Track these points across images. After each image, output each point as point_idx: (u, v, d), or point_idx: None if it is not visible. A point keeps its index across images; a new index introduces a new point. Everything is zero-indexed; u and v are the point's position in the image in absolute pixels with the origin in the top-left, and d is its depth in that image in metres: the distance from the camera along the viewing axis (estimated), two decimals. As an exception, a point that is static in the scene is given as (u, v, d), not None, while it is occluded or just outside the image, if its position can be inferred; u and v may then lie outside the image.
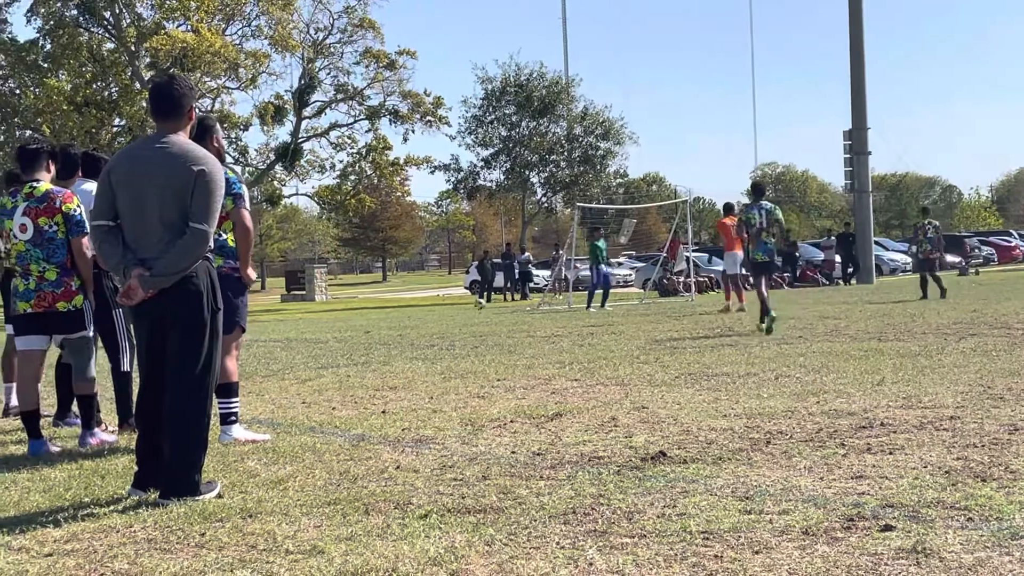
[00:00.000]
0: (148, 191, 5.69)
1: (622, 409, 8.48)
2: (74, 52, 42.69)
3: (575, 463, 6.28)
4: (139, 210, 5.71)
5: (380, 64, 48.34)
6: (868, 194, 43.88)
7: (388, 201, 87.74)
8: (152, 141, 5.85)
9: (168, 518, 5.23)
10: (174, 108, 5.88)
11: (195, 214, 5.68)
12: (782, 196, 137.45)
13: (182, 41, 40.34)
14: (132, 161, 5.80)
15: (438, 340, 17.76)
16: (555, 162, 53.67)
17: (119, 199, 5.76)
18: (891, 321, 17.05)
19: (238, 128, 46.52)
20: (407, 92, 49.05)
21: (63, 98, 40.25)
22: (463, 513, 5.10)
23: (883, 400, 8.26)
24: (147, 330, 5.86)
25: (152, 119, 6.13)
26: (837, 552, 4.19)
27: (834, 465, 5.86)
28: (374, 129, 49.41)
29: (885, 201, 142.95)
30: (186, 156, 5.74)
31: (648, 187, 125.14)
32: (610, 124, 53.17)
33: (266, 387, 11.32)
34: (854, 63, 43.60)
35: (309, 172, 49.85)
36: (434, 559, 4.31)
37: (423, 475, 6.11)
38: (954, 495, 5.00)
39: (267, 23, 45.65)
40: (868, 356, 11.55)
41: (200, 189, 5.69)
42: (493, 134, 53.35)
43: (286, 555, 4.49)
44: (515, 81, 52.69)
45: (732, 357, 12.22)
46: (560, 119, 53.47)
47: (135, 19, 43.36)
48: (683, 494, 5.29)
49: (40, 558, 4.63)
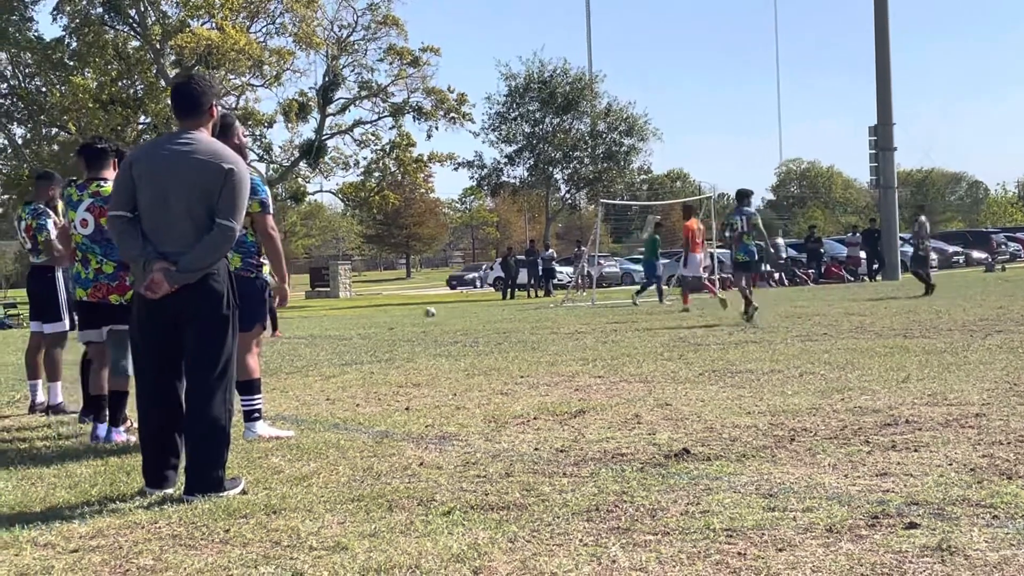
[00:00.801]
0: (174, 186, 5.72)
1: (645, 406, 8.47)
2: (99, 50, 42.91)
3: (598, 460, 6.28)
4: (163, 205, 5.74)
5: (404, 61, 48.42)
6: (893, 190, 43.63)
7: (412, 198, 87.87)
8: (177, 137, 5.87)
9: (193, 514, 5.25)
10: (195, 106, 5.93)
11: (223, 211, 5.73)
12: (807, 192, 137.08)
13: (207, 39, 40.51)
14: (157, 157, 5.82)
15: (462, 337, 17.77)
16: (579, 158, 53.65)
17: (141, 192, 5.78)
18: (916, 318, 16.97)
19: (262, 125, 46.69)
20: (431, 89, 49.15)
21: (88, 96, 40.45)
22: (486, 510, 5.10)
23: (908, 397, 8.22)
24: (161, 327, 5.84)
25: (175, 118, 6.14)
26: (861, 550, 4.17)
27: (859, 463, 5.84)
28: (398, 126, 49.53)
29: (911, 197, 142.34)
30: (216, 154, 5.80)
31: (672, 183, 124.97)
32: (634, 120, 53.14)
33: (290, 384, 11.36)
34: (879, 58, 43.36)
35: (333, 169, 50.00)
36: (457, 556, 4.32)
37: (446, 472, 6.12)
38: (979, 493, 4.98)
39: (291, 20, 45.82)
40: (893, 353, 11.49)
41: (229, 187, 5.74)
42: (517, 131, 53.41)
43: (310, 551, 4.50)
44: (538, 78, 52.71)
45: (756, 354, 12.18)
46: (584, 115, 53.43)
47: (160, 17, 43.55)
48: (707, 491, 5.28)
49: (66, 554, 4.66)
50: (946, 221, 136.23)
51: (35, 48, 43.17)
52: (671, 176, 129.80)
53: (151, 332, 5.88)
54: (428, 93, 49.17)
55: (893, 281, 38.30)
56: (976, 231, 72.86)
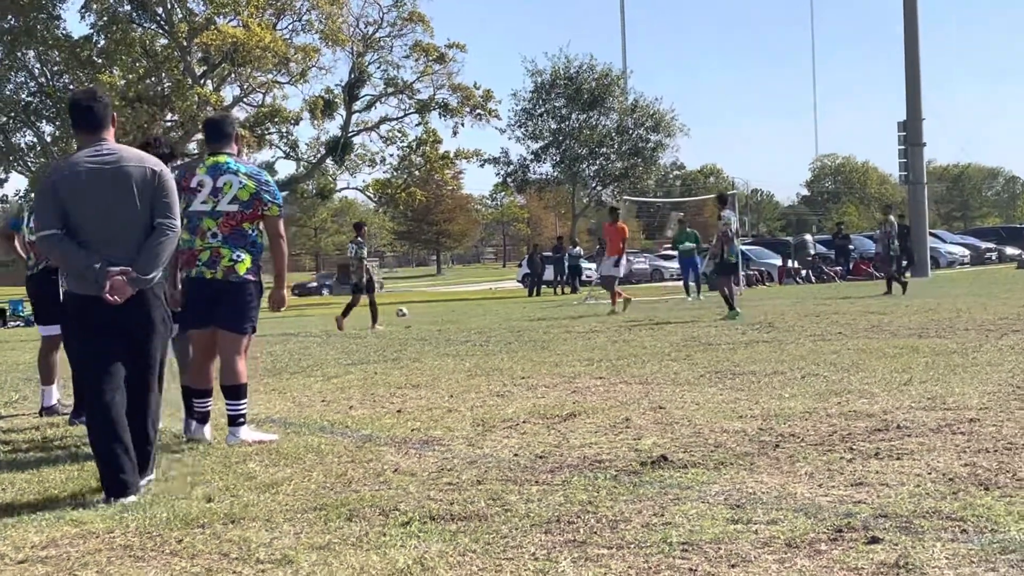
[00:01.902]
0: (117, 196, 5.90)
1: (638, 409, 8.33)
2: (127, 48, 43.09)
3: (574, 467, 6.14)
4: (107, 216, 5.90)
5: (429, 58, 48.37)
6: (923, 185, 43.23)
7: (441, 195, 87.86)
8: (98, 151, 6.02)
9: (150, 524, 5.16)
10: (102, 119, 6.12)
11: (161, 210, 5.99)
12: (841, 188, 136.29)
13: (232, 36, 40.55)
14: (87, 172, 5.94)
15: (475, 336, 17.66)
16: (605, 155, 53.42)
17: (76, 209, 5.89)
18: (935, 317, 16.72)
19: (289, 123, 46.71)
20: (456, 85, 49.05)
21: (115, 93, 40.55)
22: (446, 520, 4.98)
23: (906, 401, 8.05)
24: (102, 332, 5.96)
25: (77, 134, 6.31)
26: (816, 566, 4.03)
27: (836, 471, 5.68)
28: (424, 123, 49.46)
29: (947, 193, 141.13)
30: (142, 159, 6.08)
31: (705, 179, 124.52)
32: (660, 116, 52.88)
33: (290, 384, 11.28)
34: (909, 53, 42.92)
35: (359, 166, 49.97)
36: (401, 570, 4.20)
37: (419, 479, 6.01)
38: (952, 504, 4.81)
39: (317, 17, 45.83)
40: (902, 354, 11.29)
41: (161, 187, 5.99)
42: (543, 127, 53.28)
43: (256, 564, 4.40)
44: (564, 74, 52.54)
45: (764, 354, 12.01)
46: (610, 111, 53.21)
47: (187, 14, 43.68)
48: (675, 501, 5.14)
49: (13, 565, 4.58)
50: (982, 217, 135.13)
51: (63, 46, 43.42)
52: (704, 172, 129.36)
53: (94, 336, 5.99)
54: (454, 90, 49.09)
55: (922, 278, 37.90)
56: (1010, 227, 72.20)
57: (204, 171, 7.63)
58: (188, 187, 7.52)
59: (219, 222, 7.52)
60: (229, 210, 7.52)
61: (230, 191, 7.53)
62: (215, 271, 7.50)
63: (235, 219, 7.53)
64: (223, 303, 7.56)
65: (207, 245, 7.52)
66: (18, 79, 44.17)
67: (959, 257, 52.04)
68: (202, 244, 7.52)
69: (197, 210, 7.55)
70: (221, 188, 7.53)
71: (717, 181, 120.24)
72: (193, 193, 7.55)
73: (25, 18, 42.01)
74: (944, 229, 79.48)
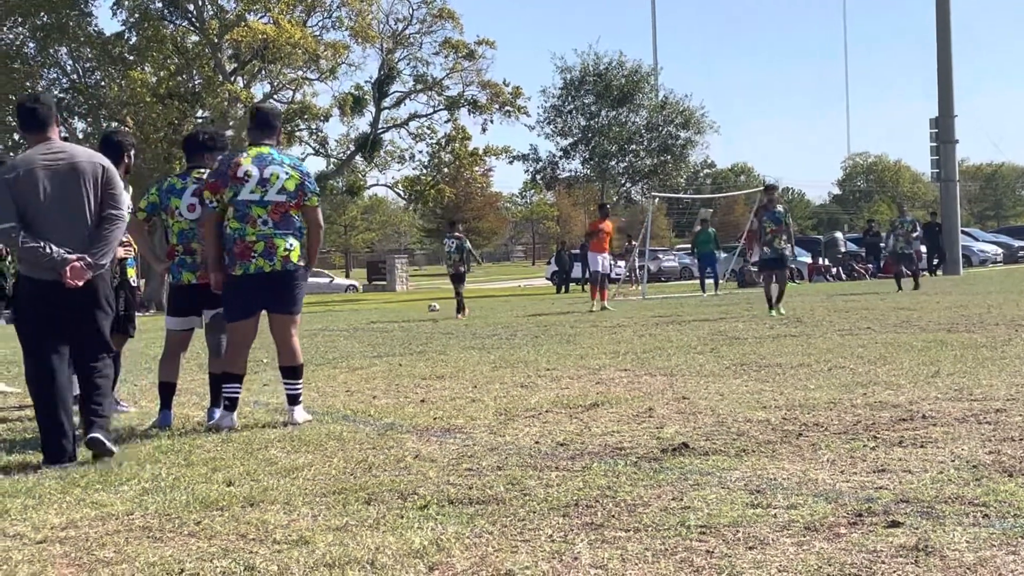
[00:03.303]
0: (67, 191, 6.48)
1: (662, 399, 8.29)
2: (158, 44, 43.16)
3: (595, 454, 6.12)
4: (62, 209, 6.47)
5: (459, 54, 48.34)
6: (955, 183, 42.89)
7: (470, 192, 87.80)
8: (50, 149, 6.58)
9: (169, 506, 5.18)
10: (46, 120, 6.67)
11: (109, 202, 6.60)
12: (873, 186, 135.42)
13: (262, 33, 40.65)
14: (43, 169, 6.49)
15: (501, 330, 17.64)
16: (634, 152, 53.29)
17: (30, 203, 6.43)
18: (965, 312, 16.57)
19: (318, 119, 46.79)
20: (486, 82, 49.00)
21: (147, 90, 40.77)
22: (463, 504, 4.97)
23: (932, 392, 7.97)
24: (55, 313, 6.57)
25: (25, 134, 6.90)
26: (835, 549, 3.99)
27: (859, 458, 5.62)
28: (453, 119, 49.43)
29: (980, 192, 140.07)
30: (91, 155, 6.69)
31: (736, 177, 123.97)
32: (690, 113, 52.71)
33: (315, 375, 11.28)
34: (941, 49, 42.59)
35: (388, 163, 50.00)
36: (416, 551, 4.19)
37: (439, 465, 6.00)
38: (975, 491, 4.76)
39: (347, 14, 45.86)
40: (930, 347, 11.19)
41: (108, 181, 6.61)
42: (572, 124, 53.23)
43: (272, 544, 4.40)
44: (594, 70, 52.43)
45: (791, 347, 11.93)
46: (640, 108, 53.08)
47: (217, 11, 43.81)
48: (694, 487, 5.11)
49: (31, 545, 4.60)
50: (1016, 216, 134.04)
51: (95, 43, 43.56)
52: (735, 170, 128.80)
53: (46, 314, 6.57)
54: (483, 86, 49.02)
55: (954, 276, 37.62)
56: (1043, 225, 71.51)
57: (250, 161, 7.78)
58: (235, 176, 7.69)
59: (268, 210, 7.71)
60: (278, 200, 7.74)
61: (277, 181, 7.74)
62: (273, 262, 7.72)
63: (284, 207, 7.77)
64: (279, 290, 7.82)
65: (260, 233, 7.69)
66: (50, 75, 44.39)
67: (992, 255, 51.57)
68: (254, 232, 7.69)
69: (246, 199, 7.72)
70: (268, 179, 7.72)
71: (748, 179, 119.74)
72: (241, 182, 7.71)
73: (57, 15, 42.20)
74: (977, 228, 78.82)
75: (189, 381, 10.68)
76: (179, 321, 8.34)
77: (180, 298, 8.31)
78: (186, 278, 8.21)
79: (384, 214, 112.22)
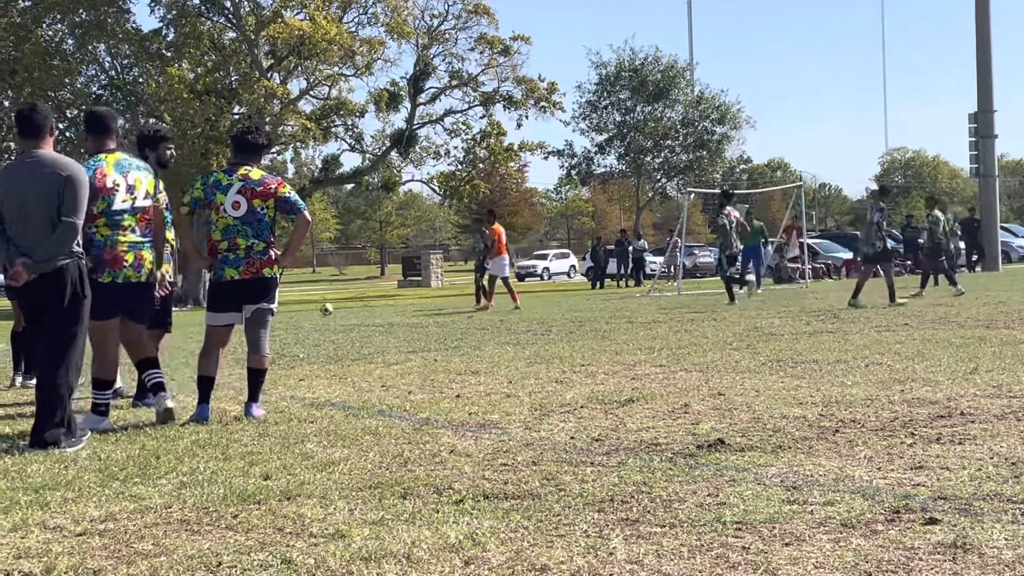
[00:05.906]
0: (30, 197, 6.95)
1: (698, 395, 8.27)
2: (195, 41, 43.33)
3: (631, 450, 6.12)
4: (24, 212, 6.96)
5: (494, 50, 48.23)
6: (994, 179, 42.54)
7: (505, 188, 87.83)
8: (27, 158, 7.12)
9: (207, 499, 5.22)
10: (38, 129, 7.17)
11: (66, 209, 6.96)
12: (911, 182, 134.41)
13: (299, 29, 40.76)
14: (15, 174, 7.10)
15: (536, 325, 17.64)
16: (670, 147, 53.14)
17: (5, 206, 7.00)
18: (1005, 309, 16.44)
19: (354, 115, 46.84)
20: (521, 78, 48.84)
21: (184, 86, 40.92)
22: (499, 499, 4.98)
23: (971, 389, 7.92)
24: (28, 309, 7.34)
25: (21, 140, 7.47)
26: (872, 545, 3.97)
27: (896, 455, 5.60)
28: (488, 115, 49.35)
29: (1020, 187, 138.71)
30: (56, 164, 7.06)
31: (772, 173, 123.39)
32: (726, 108, 52.50)
33: (351, 371, 11.33)
34: (980, 43, 42.24)
35: (424, 158, 49.99)
36: (452, 545, 4.20)
37: (474, 460, 6.01)
38: (1014, 488, 4.73)
39: (383, 10, 45.89)
40: (969, 344, 11.11)
41: (69, 189, 6.98)
42: (607, 119, 53.12)
43: (309, 538, 4.43)
44: (629, 66, 52.31)
45: (827, 344, 11.87)
46: (676, 104, 52.92)
47: (254, 7, 43.94)
48: (730, 482, 5.10)
49: (71, 537, 4.64)
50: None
51: (133, 39, 43.77)
52: (771, 166, 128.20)
53: (25, 312, 7.41)
54: (518, 82, 48.85)
55: (992, 272, 37.31)
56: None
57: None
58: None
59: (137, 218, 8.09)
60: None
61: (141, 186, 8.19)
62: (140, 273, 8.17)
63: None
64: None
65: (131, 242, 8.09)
66: (89, 72, 44.67)
67: (1031, 251, 51.08)
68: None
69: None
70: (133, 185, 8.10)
71: (784, 175, 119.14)
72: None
73: (96, 12, 42.45)
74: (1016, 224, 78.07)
75: (227, 375, 10.74)
76: (220, 317, 8.38)
77: (222, 294, 8.36)
78: (229, 274, 8.27)
79: (419, 210, 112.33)
